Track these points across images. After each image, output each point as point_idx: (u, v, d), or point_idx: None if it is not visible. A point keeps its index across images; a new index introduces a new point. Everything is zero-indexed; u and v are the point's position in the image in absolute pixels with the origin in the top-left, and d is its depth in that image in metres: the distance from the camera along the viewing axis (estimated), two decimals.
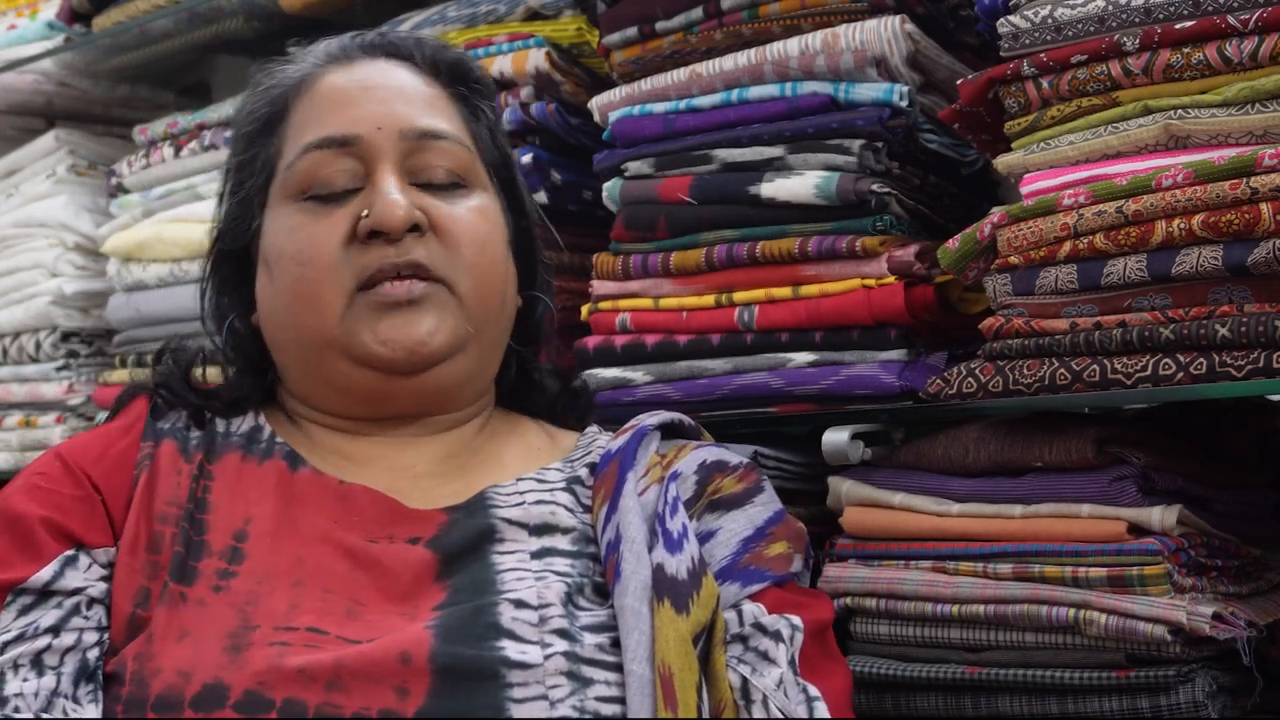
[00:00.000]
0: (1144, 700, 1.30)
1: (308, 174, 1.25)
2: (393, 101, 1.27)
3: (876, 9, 1.55)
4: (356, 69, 1.30)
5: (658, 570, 1.13)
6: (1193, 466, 1.39)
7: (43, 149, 2.51)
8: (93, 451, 1.23)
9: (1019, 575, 1.36)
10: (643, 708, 1.06)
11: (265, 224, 1.28)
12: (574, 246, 1.88)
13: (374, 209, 1.21)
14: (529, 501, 1.22)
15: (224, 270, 1.35)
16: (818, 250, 1.54)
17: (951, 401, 1.40)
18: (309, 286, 1.22)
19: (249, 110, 1.33)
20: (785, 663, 1.14)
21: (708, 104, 1.64)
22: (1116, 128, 1.35)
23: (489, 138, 1.34)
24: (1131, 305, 1.33)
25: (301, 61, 1.33)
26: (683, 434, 1.34)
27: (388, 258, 1.21)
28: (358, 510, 1.20)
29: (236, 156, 1.33)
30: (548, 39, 1.84)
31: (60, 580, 1.14)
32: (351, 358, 1.22)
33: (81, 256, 2.41)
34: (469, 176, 1.29)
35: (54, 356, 2.40)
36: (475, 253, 1.25)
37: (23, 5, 2.54)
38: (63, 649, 1.11)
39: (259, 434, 1.27)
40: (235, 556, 1.15)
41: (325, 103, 1.28)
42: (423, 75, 1.32)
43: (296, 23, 2.10)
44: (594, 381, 1.64)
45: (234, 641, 1.08)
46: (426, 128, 1.27)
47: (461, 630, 1.08)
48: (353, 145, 1.24)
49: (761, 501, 1.26)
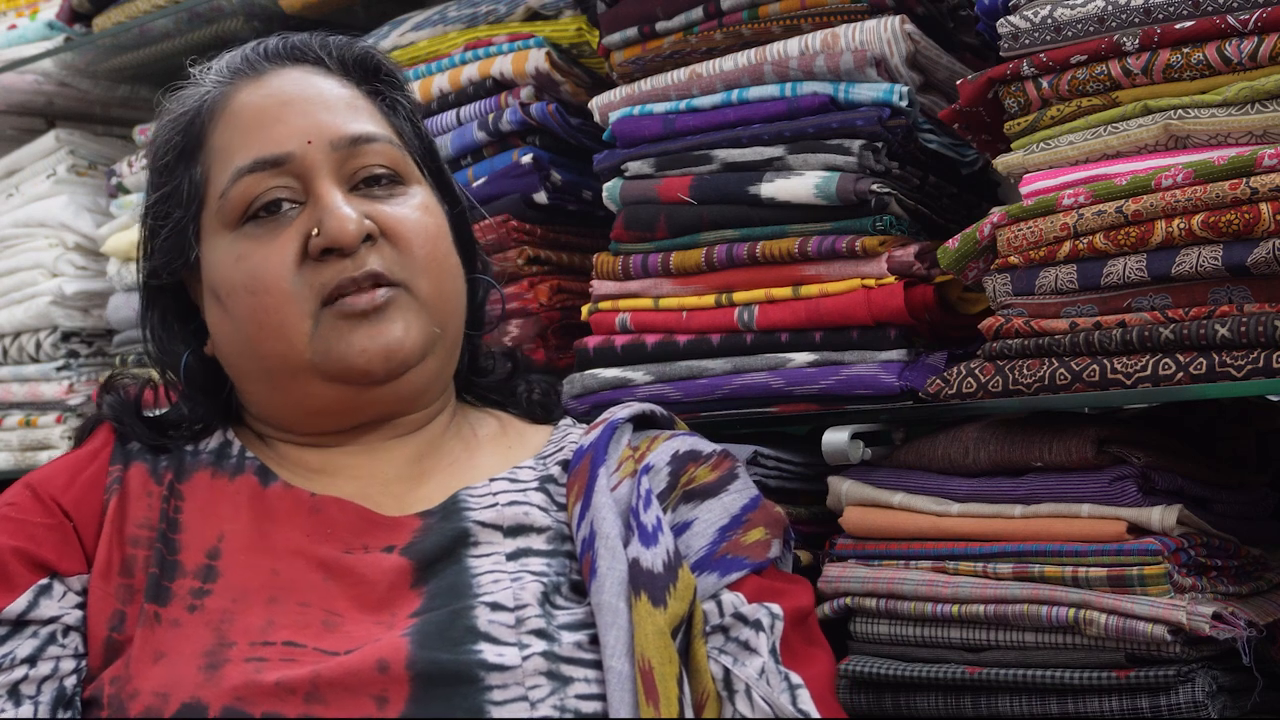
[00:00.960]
0: (1144, 700, 1.30)
1: (243, 199, 1.22)
2: (315, 112, 1.25)
3: (876, 9, 1.55)
4: (268, 82, 1.27)
5: (633, 565, 1.13)
6: (1193, 466, 1.39)
7: (43, 149, 2.51)
8: (61, 479, 1.22)
9: (1019, 575, 1.36)
10: (623, 704, 1.06)
11: (205, 255, 1.26)
12: (574, 246, 1.89)
13: (324, 226, 1.20)
14: (502, 503, 1.22)
15: (162, 303, 1.32)
16: (818, 250, 1.54)
17: (951, 401, 1.40)
18: (270, 315, 1.21)
19: (162, 141, 1.29)
20: (767, 652, 1.14)
21: (708, 104, 1.64)
22: (1116, 128, 1.35)
23: (410, 129, 1.33)
24: (1131, 305, 1.33)
25: (204, 82, 1.30)
26: (656, 424, 1.33)
27: (346, 271, 1.20)
28: (330, 522, 1.19)
29: (157, 190, 1.29)
30: (548, 39, 1.84)
31: (35, 610, 1.14)
32: (326, 376, 1.21)
33: (81, 256, 2.41)
34: (404, 173, 1.28)
35: (54, 356, 2.40)
36: (427, 252, 1.25)
37: (23, 5, 2.54)
38: (40, 678, 1.12)
39: (228, 449, 1.27)
40: (209, 575, 1.15)
41: (246, 123, 1.25)
42: (335, 77, 1.30)
43: (296, 23, 2.10)
44: (594, 382, 1.64)
45: (210, 660, 1.08)
46: (356, 133, 1.25)
47: (438, 635, 1.08)
48: (285, 163, 1.22)
49: (736, 489, 1.25)
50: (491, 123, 1.84)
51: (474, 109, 1.88)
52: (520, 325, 1.80)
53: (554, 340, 1.80)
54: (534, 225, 1.84)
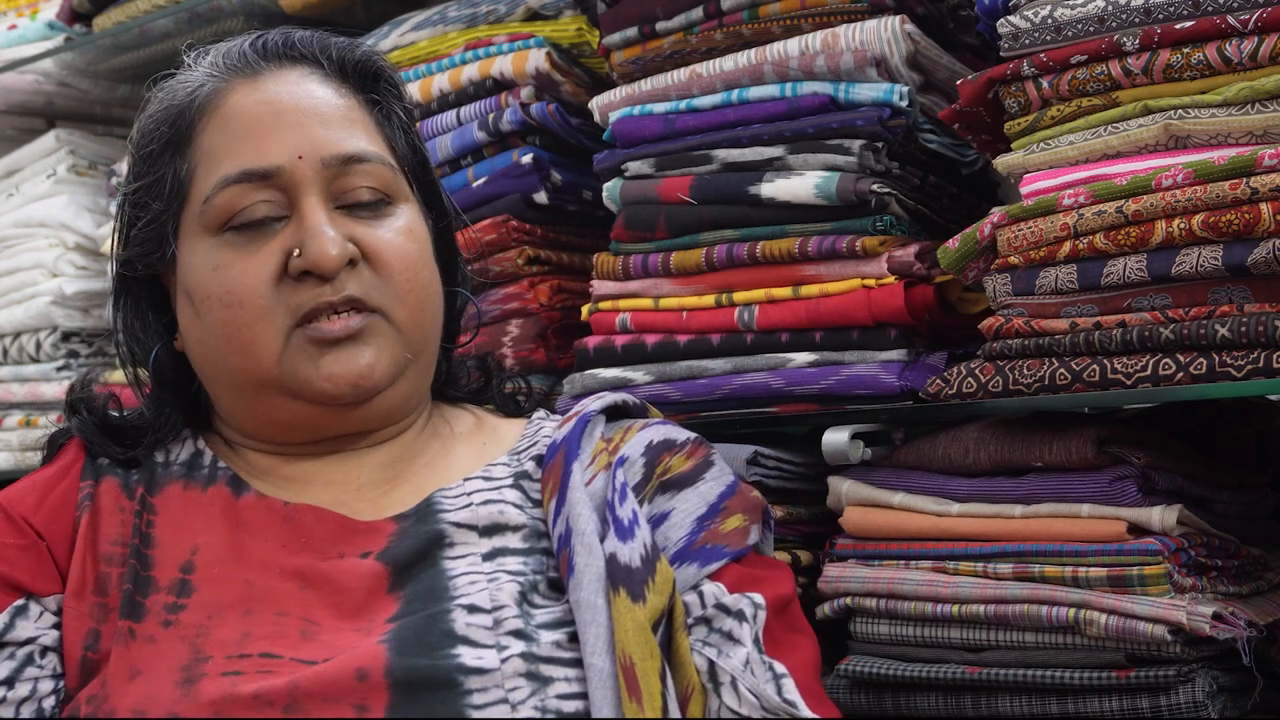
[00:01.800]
0: (1144, 700, 1.30)
1: (227, 209, 1.20)
2: (309, 125, 1.22)
3: (876, 9, 1.55)
4: (264, 84, 1.24)
5: (611, 560, 1.13)
6: (1193, 466, 1.39)
7: (43, 149, 2.51)
8: (31, 498, 1.21)
9: (1019, 575, 1.36)
10: (605, 701, 1.06)
11: (182, 255, 1.23)
12: (574, 246, 1.89)
13: (306, 249, 1.18)
14: (476, 502, 1.21)
15: (135, 294, 1.30)
16: (818, 250, 1.54)
17: (951, 401, 1.40)
18: (242, 331, 1.19)
19: (149, 129, 1.26)
20: (750, 642, 1.14)
21: (708, 104, 1.64)
22: (1116, 128, 1.35)
23: (404, 140, 1.30)
24: (1131, 305, 1.33)
25: (197, 70, 1.27)
26: (628, 414, 1.32)
27: (323, 295, 1.18)
28: (305, 531, 1.19)
29: (139, 180, 1.26)
30: (548, 39, 1.84)
31: (11, 631, 1.13)
32: (291, 394, 1.20)
33: (81, 256, 2.41)
34: (393, 193, 1.25)
35: (54, 356, 2.40)
36: (408, 279, 1.22)
37: (23, 5, 2.54)
38: (17, 700, 1.11)
39: (200, 459, 1.26)
40: (183, 589, 1.14)
41: (237, 129, 1.22)
42: (332, 83, 1.27)
43: (296, 23, 2.10)
44: (594, 382, 1.64)
45: (187, 675, 1.07)
46: (348, 152, 1.22)
47: (416, 641, 1.08)
48: (273, 177, 1.20)
49: (712, 477, 1.24)
50: (491, 123, 1.84)
51: (474, 109, 1.88)
52: (520, 325, 1.80)
53: (554, 340, 1.80)
54: (534, 225, 1.84)
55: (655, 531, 1.19)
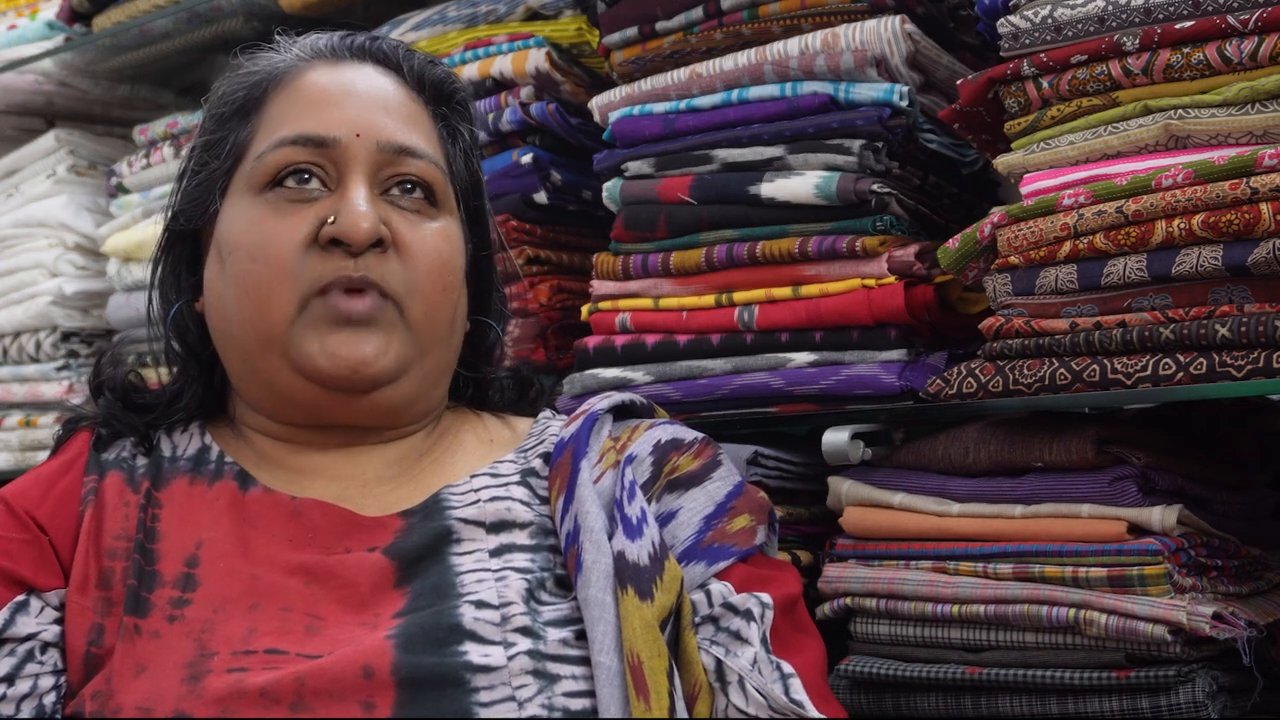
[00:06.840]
0: (1144, 700, 1.30)
1: (276, 168, 1.22)
2: (374, 110, 1.25)
3: (876, 9, 1.55)
4: (342, 70, 1.28)
5: (619, 558, 1.13)
6: (1193, 466, 1.39)
7: (43, 149, 2.51)
8: (35, 493, 1.21)
9: (1019, 575, 1.36)
10: (613, 699, 1.05)
11: (224, 211, 1.25)
12: (574, 246, 1.89)
13: (340, 218, 1.19)
14: (484, 499, 1.21)
15: (176, 251, 1.31)
16: (818, 250, 1.54)
17: (951, 401, 1.40)
18: (261, 285, 1.20)
19: (225, 91, 1.29)
20: (758, 641, 1.14)
21: (708, 104, 1.64)
22: (1116, 128, 1.35)
23: (463, 161, 1.32)
24: (1131, 305, 1.33)
25: (286, 52, 1.30)
26: (635, 413, 1.32)
27: (345, 269, 1.19)
28: (312, 525, 1.18)
29: (204, 136, 1.29)
30: (548, 39, 1.84)
31: (12, 627, 1.13)
32: (292, 364, 1.20)
33: (81, 256, 2.41)
34: (438, 198, 1.26)
35: (54, 356, 2.40)
36: (432, 276, 1.23)
37: (23, 5, 2.54)
38: (18, 697, 1.11)
39: (207, 454, 1.26)
40: (189, 584, 1.14)
41: (305, 99, 1.25)
42: (407, 88, 1.29)
43: (296, 23, 2.10)
44: (594, 382, 1.64)
45: (192, 671, 1.07)
46: (404, 143, 1.24)
47: (423, 637, 1.07)
48: (328, 147, 1.22)
49: (720, 476, 1.25)
50: (491, 122, 1.85)
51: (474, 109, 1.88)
52: (520, 325, 1.80)
53: (554, 340, 1.80)
54: (534, 225, 1.84)
55: (662, 530, 1.19)
